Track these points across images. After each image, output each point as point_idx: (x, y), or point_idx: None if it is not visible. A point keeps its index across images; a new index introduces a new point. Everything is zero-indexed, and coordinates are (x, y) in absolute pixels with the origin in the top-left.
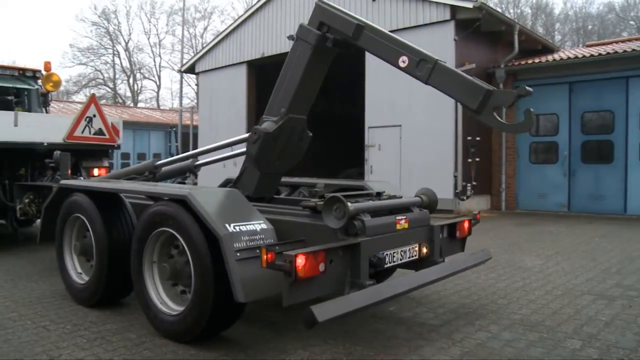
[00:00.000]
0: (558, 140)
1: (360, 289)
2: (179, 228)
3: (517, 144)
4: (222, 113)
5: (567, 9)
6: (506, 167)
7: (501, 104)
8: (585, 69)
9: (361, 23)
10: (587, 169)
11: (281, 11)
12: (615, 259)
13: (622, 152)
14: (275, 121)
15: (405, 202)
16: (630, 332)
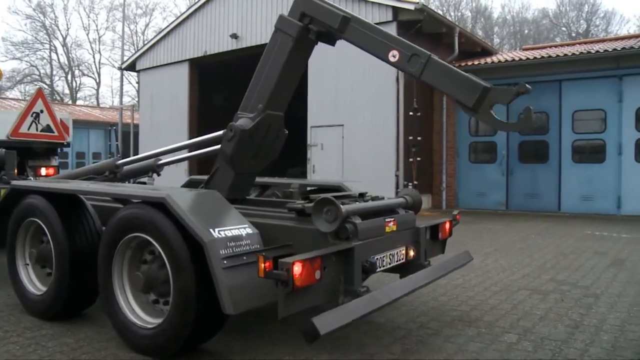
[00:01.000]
0: (497, 141)
1: (355, 296)
2: (156, 233)
3: (457, 143)
4: (163, 112)
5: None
6: (447, 166)
7: (499, 102)
8: (522, 72)
9: (347, 15)
10: (524, 168)
11: (224, 9)
12: (550, 255)
13: (556, 152)
14: (251, 118)
15: (390, 204)
16: (562, 324)
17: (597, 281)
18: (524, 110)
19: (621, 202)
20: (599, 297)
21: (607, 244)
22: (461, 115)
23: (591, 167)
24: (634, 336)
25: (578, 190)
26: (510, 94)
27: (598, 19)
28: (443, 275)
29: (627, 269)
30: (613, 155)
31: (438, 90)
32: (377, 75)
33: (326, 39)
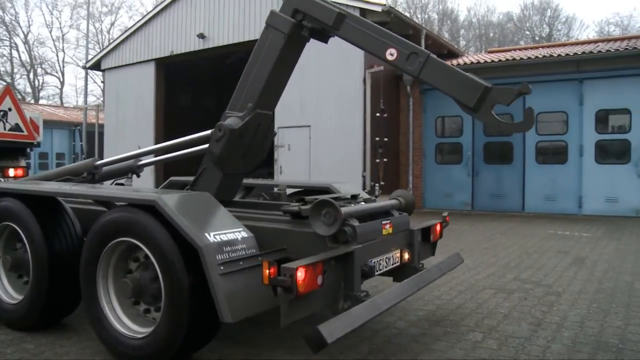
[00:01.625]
0: (462, 142)
1: (355, 301)
2: (146, 238)
3: (423, 144)
4: (129, 112)
5: (470, 17)
6: (413, 167)
7: (500, 102)
8: (488, 74)
9: (343, 12)
10: (489, 169)
11: (191, 9)
12: (514, 254)
13: (521, 154)
14: (241, 117)
15: (385, 206)
16: (525, 322)
17: (559, 279)
18: (525, 110)
19: (582, 202)
20: (561, 295)
21: (568, 243)
22: (427, 116)
23: (554, 168)
24: (593, 332)
25: (541, 191)
26: (512, 94)
27: (560, 24)
28: (438, 277)
29: (587, 267)
30: (574, 156)
31: (437, 89)
32: (344, 76)
33: (319, 36)
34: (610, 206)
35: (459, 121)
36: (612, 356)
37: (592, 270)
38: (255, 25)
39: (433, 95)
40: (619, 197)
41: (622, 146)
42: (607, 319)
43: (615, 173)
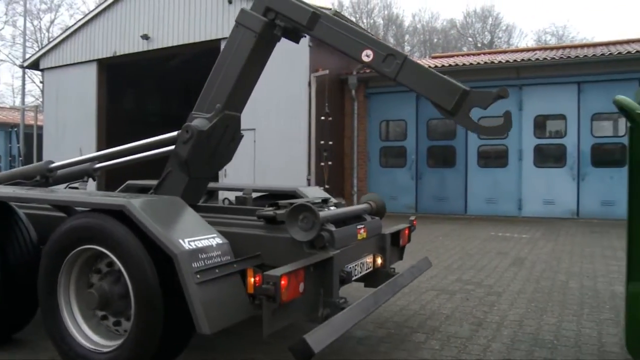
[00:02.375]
0: (406, 145)
1: (334, 308)
2: (113, 245)
3: (368, 148)
4: (70, 113)
5: (415, 22)
6: (358, 170)
7: (478, 106)
8: None
9: (317, 11)
10: (433, 172)
11: (135, 9)
12: (456, 255)
13: (463, 157)
14: (208, 118)
15: (357, 210)
16: (467, 322)
17: (500, 280)
18: (503, 114)
19: (522, 204)
20: (501, 295)
21: (509, 245)
22: (372, 120)
23: (495, 172)
24: (531, 330)
25: (483, 194)
26: (490, 98)
27: (501, 32)
28: (410, 282)
29: (527, 268)
30: (514, 160)
31: (415, 92)
32: (290, 79)
33: (291, 35)
34: (548, 208)
35: (403, 125)
36: (548, 353)
37: (531, 270)
38: (200, 27)
39: (377, 99)
40: (556, 200)
41: (559, 150)
42: (544, 317)
43: (552, 176)
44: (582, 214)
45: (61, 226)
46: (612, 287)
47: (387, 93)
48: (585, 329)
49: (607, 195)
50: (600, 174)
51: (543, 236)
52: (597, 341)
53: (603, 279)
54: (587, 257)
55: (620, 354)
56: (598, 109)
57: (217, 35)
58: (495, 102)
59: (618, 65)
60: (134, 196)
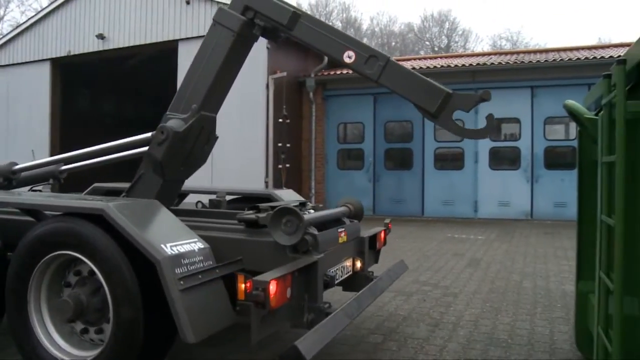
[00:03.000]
0: (364, 148)
1: (319, 313)
2: (91, 251)
3: (325, 150)
4: (21, 114)
5: (373, 26)
6: (315, 172)
7: (461, 108)
8: None
9: (298, 11)
10: (390, 174)
11: (90, 8)
12: (414, 257)
13: (420, 160)
14: (184, 119)
15: (337, 213)
16: (423, 323)
17: (456, 281)
18: (487, 117)
19: (477, 206)
20: (457, 296)
21: (465, 246)
22: (330, 122)
23: (451, 174)
24: (486, 329)
25: (440, 196)
26: (473, 101)
27: (457, 36)
28: (389, 285)
29: (482, 268)
30: (470, 162)
31: (397, 94)
32: (247, 81)
33: (271, 35)
34: (503, 210)
35: (360, 127)
36: (502, 351)
37: (486, 271)
38: (157, 27)
39: (335, 101)
40: (511, 201)
41: (513, 153)
42: (498, 317)
43: (507, 178)
44: (535, 215)
45: (32, 231)
46: (563, 286)
47: (345, 95)
48: (538, 327)
49: (559, 197)
50: (553, 176)
51: (498, 237)
52: (549, 339)
53: (555, 279)
54: (540, 258)
55: (570, 351)
56: (551, 113)
57: (174, 36)
58: (477, 104)
59: (569, 70)
60: (111, 199)
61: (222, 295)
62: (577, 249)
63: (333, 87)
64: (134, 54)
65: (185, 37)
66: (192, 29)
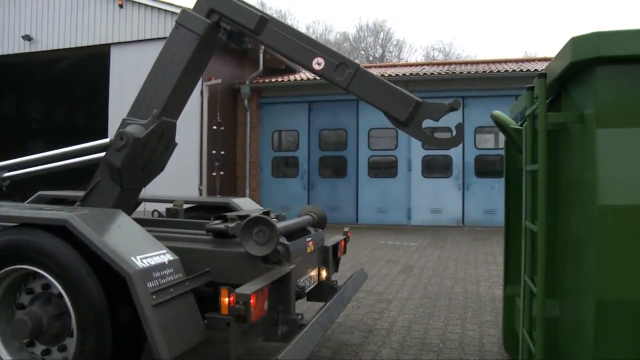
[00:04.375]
0: (298, 156)
1: (292, 325)
2: (52, 265)
3: (260, 158)
4: None
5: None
6: (250, 180)
7: (431, 118)
8: (323, 90)
9: (265, 15)
10: (325, 182)
11: (16, 7)
12: (348, 264)
13: (354, 168)
14: (144, 125)
15: (303, 222)
16: (357, 330)
17: (389, 287)
18: (456, 126)
19: (411, 213)
20: (391, 302)
21: (398, 253)
22: (264, 130)
23: (385, 182)
24: (419, 335)
25: (374, 203)
26: (443, 110)
27: (392, 46)
28: (353, 295)
29: (415, 275)
30: (404, 170)
31: (367, 102)
32: None
33: (236, 39)
34: (435, 217)
35: (295, 135)
36: (434, 355)
37: (419, 277)
38: (89, 30)
39: (270, 109)
40: (443, 209)
41: (445, 161)
42: (430, 322)
43: (439, 186)
44: (467, 222)
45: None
46: (492, 290)
47: (280, 103)
48: (469, 331)
49: (489, 204)
50: (483, 184)
51: (431, 244)
52: (478, 342)
53: (485, 283)
54: (471, 263)
55: (498, 353)
56: (481, 123)
57: (106, 40)
58: (447, 113)
59: (498, 82)
60: (73, 209)
61: (194, 309)
62: (504, 254)
63: (268, 95)
64: (63, 57)
65: (118, 42)
66: (125, 33)
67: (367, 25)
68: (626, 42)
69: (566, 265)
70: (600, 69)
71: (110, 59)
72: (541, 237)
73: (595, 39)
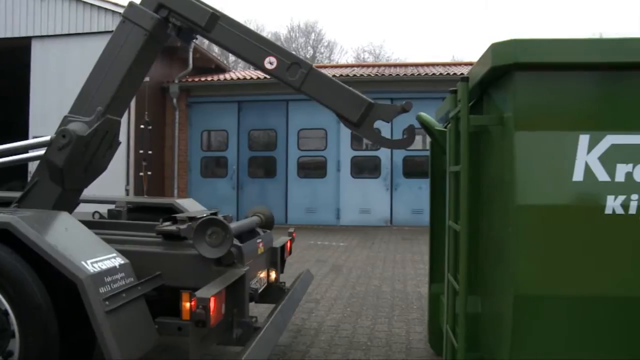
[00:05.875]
0: (228, 156)
1: (247, 328)
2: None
3: (189, 158)
4: None
5: None
6: (178, 180)
7: (383, 118)
8: (252, 90)
9: (217, 12)
10: (254, 183)
11: None
12: None
13: (283, 168)
14: (88, 122)
15: (252, 223)
16: (286, 330)
17: (318, 287)
18: (407, 128)
19: (340, 213)
20: (319, 302)
21: (327, 253)
22: (193, 130)
23: (314, 182)
24: (347, 334)
25: (303, 203)
26: (394, 111)
27: (323, 47)
28: (303, 296)
29: (343, 274)
30: (333, 171)
31: (319, 103)
32: None
33: (186, 35)
34: (364, 217)
35: (224, 135)
36: (362, 354)
37: (347, 277)
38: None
39: (199, 108)
40: (372, 209)
41: (374, 162)
42: (358, 321)
43: (368, 186)
44: (395, 221)
45: None
46: (419, 289)
47: (209, 103)
48: (396, 329)
49: (416, 204)
50: (411, 185)
51: (359, 244)
52: (405, 339)
53: (412, 282)
54: (398, 263)
55: (424, 350)
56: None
57: (26, 32)
58: (398, 115)
59: (426, 85)
60: (15, 211)
61: (146, 314)
62: (429, 253)
63: (197, 94)
64: None
65: (40, 35)
66: (47, 27)
67: (299, 25)
68: (542, 50)
69: (487, 263)
70: (519, 74)
71: (31, 53)
72: (463, 236)
73: (514, 46)
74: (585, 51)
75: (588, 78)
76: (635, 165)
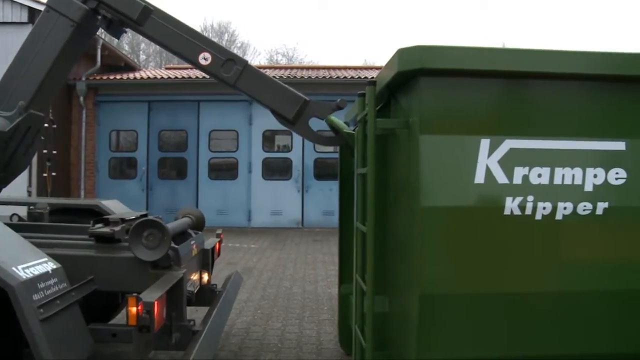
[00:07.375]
0: (137, 157)
1: (186, 332)
2: None
3: (96, 158)
4: None
5: None
6: (85, 181)
7: (317, 116)
8: (163, 90)
9: (149, 6)
10: (164, 184)
11: None
12: None
13: (194, 169)
14: (9, 117)
15: (183, 225)
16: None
17: None
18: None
19: (251, 215)
20: None
21: (238, 255)
22: (101, 129)
23: (225, 184)
24: (257, 336)
25: (214, 205)
26: (329, 109)
27: (236, 48)
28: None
29: (254, 277)
30: (244, 172)
31: (254, 100)
32: None
33: (116, 29)
34: (275, 218)
35: (134, 135)
36: (273, 355)
37: (258, 279)
38: None
39: (108, 107)
40: (283, 210)
41: (285, 164)
42: (269, 323)
43: (279, 188)
44: (306, 223)
45: None
46: (330, 289)
47: (118, 102)
48: (306, 330)
49: (327, 205)
50: (322, 186)
51: (270, 245)
52: (316, 340)
53: (323, 283)
54: (309, 264)
55: (335, 350)
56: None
57: None
58: (333, 112)
59: (338, 87)
60: None
61: (81, 321)
62: (339, 254)
63: (106, 93)
64: None
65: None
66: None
67: (212, 26)
68: (447, 57)
69: (394, 263)
70: (424, 80)
71: None
72: (370, 237)
73: (420, 52)
74: (489, 60)
75: (490, 85)
76: (531, 168)
